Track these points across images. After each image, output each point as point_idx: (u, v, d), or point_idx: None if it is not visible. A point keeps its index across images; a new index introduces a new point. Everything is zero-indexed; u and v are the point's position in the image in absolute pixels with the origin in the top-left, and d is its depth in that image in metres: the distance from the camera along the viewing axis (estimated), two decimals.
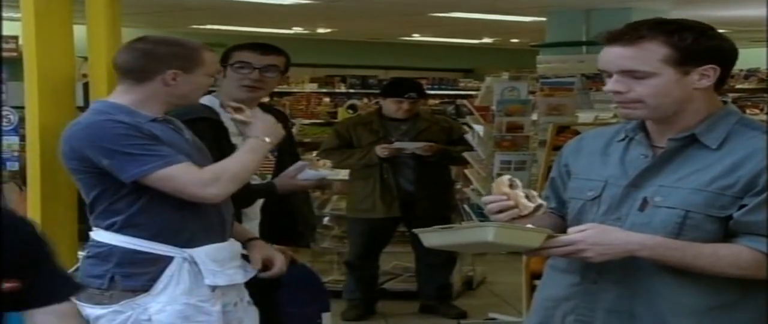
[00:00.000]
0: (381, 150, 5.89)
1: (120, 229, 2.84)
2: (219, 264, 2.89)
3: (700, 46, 2.15)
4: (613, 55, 2.20)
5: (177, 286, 2.82)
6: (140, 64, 2.88)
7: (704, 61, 2.16)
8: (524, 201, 2.23)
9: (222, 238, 2.95)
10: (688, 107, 2.19)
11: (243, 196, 3.11)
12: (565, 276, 2.31)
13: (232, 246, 2.99)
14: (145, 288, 2.82)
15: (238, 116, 3.02)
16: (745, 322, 2.20)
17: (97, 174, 2.82)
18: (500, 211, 2.24)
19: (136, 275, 2.83)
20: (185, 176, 2.79)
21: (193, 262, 2.85)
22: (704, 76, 2.17)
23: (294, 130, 10.16)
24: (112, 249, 2.84)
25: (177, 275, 2.83)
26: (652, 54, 2.15)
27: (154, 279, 2.82)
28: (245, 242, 3.12)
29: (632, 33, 2.17)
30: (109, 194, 2.84)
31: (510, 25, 12.46)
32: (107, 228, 2.86)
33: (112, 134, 2.77)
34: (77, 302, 2.91)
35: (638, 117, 2.25)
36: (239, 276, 2.98)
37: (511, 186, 2.26)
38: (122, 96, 2.90)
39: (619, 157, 2.28)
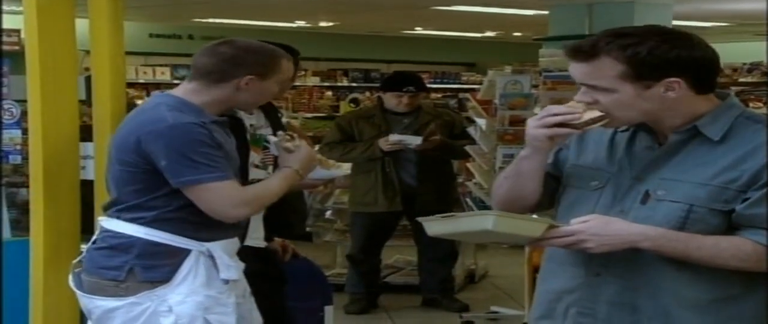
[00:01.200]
0: (384, 144, 5.89)
1: (148, 223, 2.85)
2: (231, 257, 2.93)
3: (655, 59, 2.11)
4: (575, 70, 2.19)
5: (195, 278, 2.85)
6: (221, 67, 2.90)
7: (664, 74, 2.12)
8: (590, 112, 2.17)
9: (233, 234, 2.99)
10: (666, 114, 2.18)
11: None
12: (568, 268, 2.30)
13: (237, 241, 3.03)
14: (166, 279, 2.84)
15: (287, 144, 3.06)
16: (747, 315, 2.20)
17: (146, 171, 2.83)
18: (560, 125, 2.18)
19: (158, 267, 2.85)
20: (223, 194, 2.82)
21: (209, 256, 2.88)
22: (670, 89, 2.14)
23: (297, 123, 10.19)
24: (133, 241, 2.85)
25: (195, 268, 2.85)
26: (608, 70, 2.13)
27: (174, 271, 2.84)
28: None
29: (589, 49, 2.15)
30: (149, 191, 2.84)
31: (513, 18, 12.45)
32: (132, 221, 2.86)
33: (191, 139, 2.79)
34: (82, 294, 2.93)
35: (613, 126, 2.25)
36: (240, 269, 3.01)
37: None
38: (193, 95, 2.91)
39: (625, 149, 2.28)
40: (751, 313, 2.19)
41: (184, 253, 2.85)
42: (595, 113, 2.18)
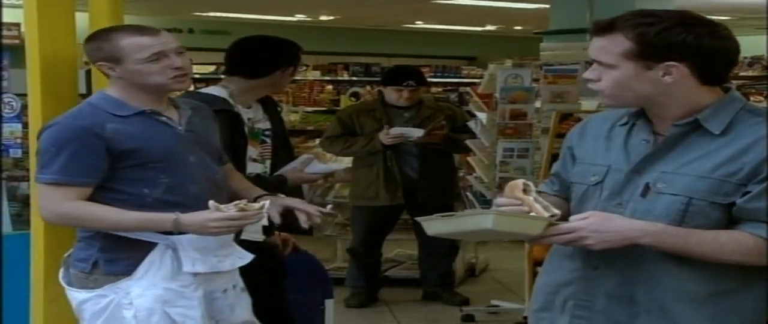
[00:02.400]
0: (384, 137, 5.89)
1: None
2: (201, 252, 2.86)
3: (661, 40, 2.12)
4: (592, 45, 2.24)
5: (158, 271, 2.83)
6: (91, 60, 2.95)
7: (665, 56, 2.13)
8: (539, 208, 2.20)
9: None
10: (663, 101, 2.18)
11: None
12: (567, 262, 2.31)
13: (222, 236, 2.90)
14: (127, 272, 2.84)
15: (252, 212, 2.81)
16: (745, 310, 2.20)
17: None
18: None
19: (118, 260, 2.85)
20: (44, 197, 2.83)
21: (176, 249, 2.84)
22: (668, 73, 2.14)
23: (297, 117, 10.19)
24: (96, 233, 2.86)
25: (159, 261, 2.84)
26: (615, 46, 2.16)
27: (136, 264, 2.83)
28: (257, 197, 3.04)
29: (608, 24, 2.19)
30: (106, 183, 2.83)
31: (513, 12, 12.44)
32: None
33: (62, 138, 2.80)
34: (66, 286, 2.95)
35: (608, 105, 2.28)
36: (225, 264, 2.94)
37: (526, 191, 2.24)
38: (115, 90, 2.93)
39: (622, 142, 2.28)
40: (750, 307, 2.20)
41: (149, 246, 2.83)
42: (548, 213, 2.18)
